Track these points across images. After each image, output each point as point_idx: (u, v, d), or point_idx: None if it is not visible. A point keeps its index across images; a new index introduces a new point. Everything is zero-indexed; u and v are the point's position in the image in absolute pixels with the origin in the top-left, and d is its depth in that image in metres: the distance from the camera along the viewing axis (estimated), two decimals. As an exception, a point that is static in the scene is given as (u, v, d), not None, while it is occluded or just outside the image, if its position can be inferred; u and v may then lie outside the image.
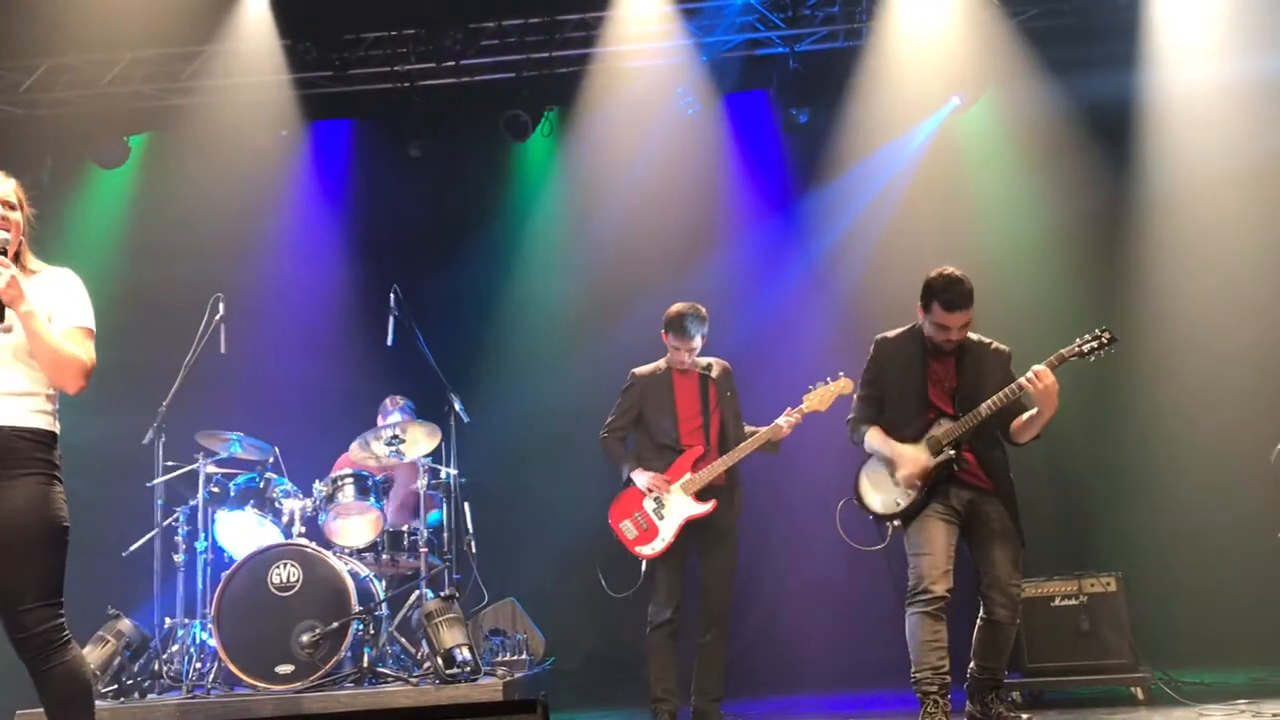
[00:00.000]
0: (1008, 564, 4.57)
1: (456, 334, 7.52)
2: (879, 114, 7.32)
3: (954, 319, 4.55)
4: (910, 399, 4.67)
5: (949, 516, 4.60)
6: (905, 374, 4.70)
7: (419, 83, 7.72)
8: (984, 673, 4.67)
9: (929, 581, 4.49)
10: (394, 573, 6.41)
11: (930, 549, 4.54)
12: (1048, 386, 4.40)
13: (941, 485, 4.60)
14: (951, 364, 4.67)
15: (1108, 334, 4.50)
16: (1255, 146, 6.49)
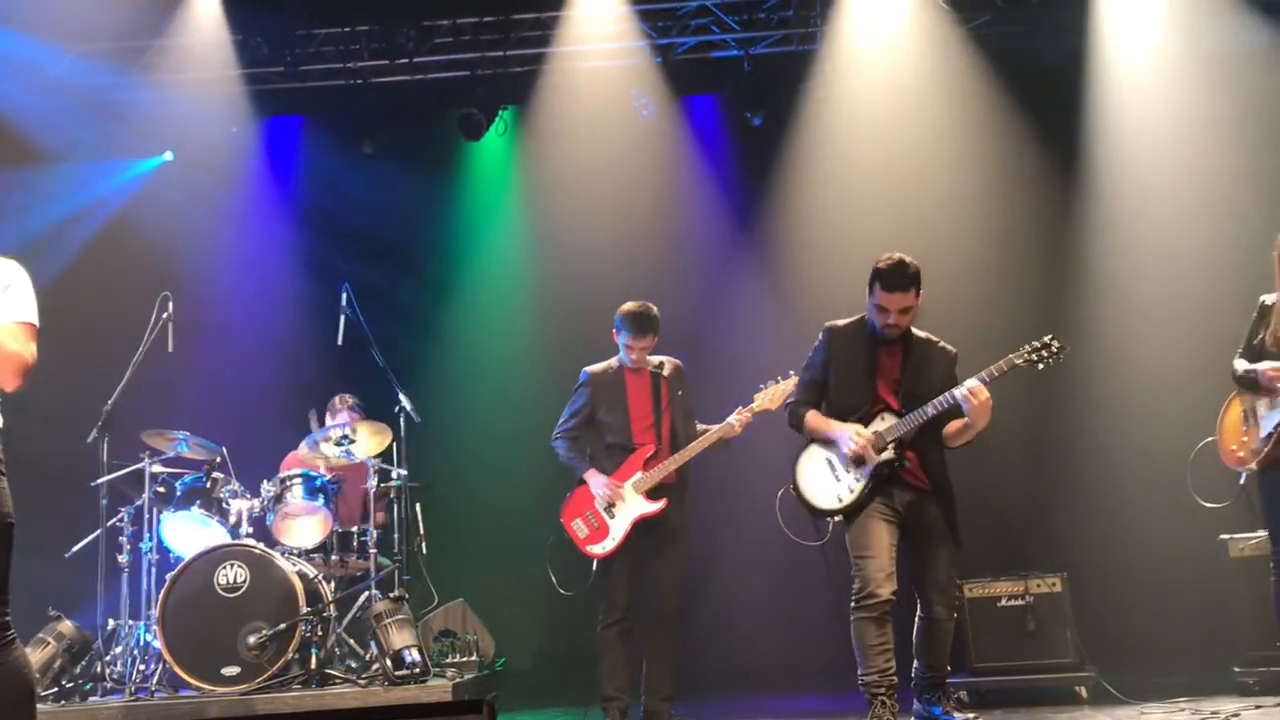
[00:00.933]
0: (945, 565, 4.62)
1: (407, 333, 7.49)
2: (832, 117, 7.38)
3: (892, 300, 4.55)
4: (856, 388, 4.68)
5: (890, 517, 4.61)
6: (852, 363, 4.70)
7: (372, 80, 7.67)
8: (929, 671, 4.71)
9: (874, 585, 4.49)
10: (343, 574, 6.36)
11: (874, 551, 4.54)
12: (982, 402, 4.43)
13: (883, 485, 4.62)
14: (899, 356, 4.69)
15: (1056, 343, 4.51)
16: (1199, 155, 6.61)
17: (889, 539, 4.56)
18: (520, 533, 7.31)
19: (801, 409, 4.80)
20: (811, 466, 4.73)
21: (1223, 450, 4.69)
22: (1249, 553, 5.33)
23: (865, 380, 4.66)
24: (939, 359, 4.71)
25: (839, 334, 4.77)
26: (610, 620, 5.46)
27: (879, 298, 4.59)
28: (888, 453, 4.58)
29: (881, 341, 4.68)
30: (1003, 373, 4.49)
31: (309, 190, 7.93)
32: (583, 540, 5.49)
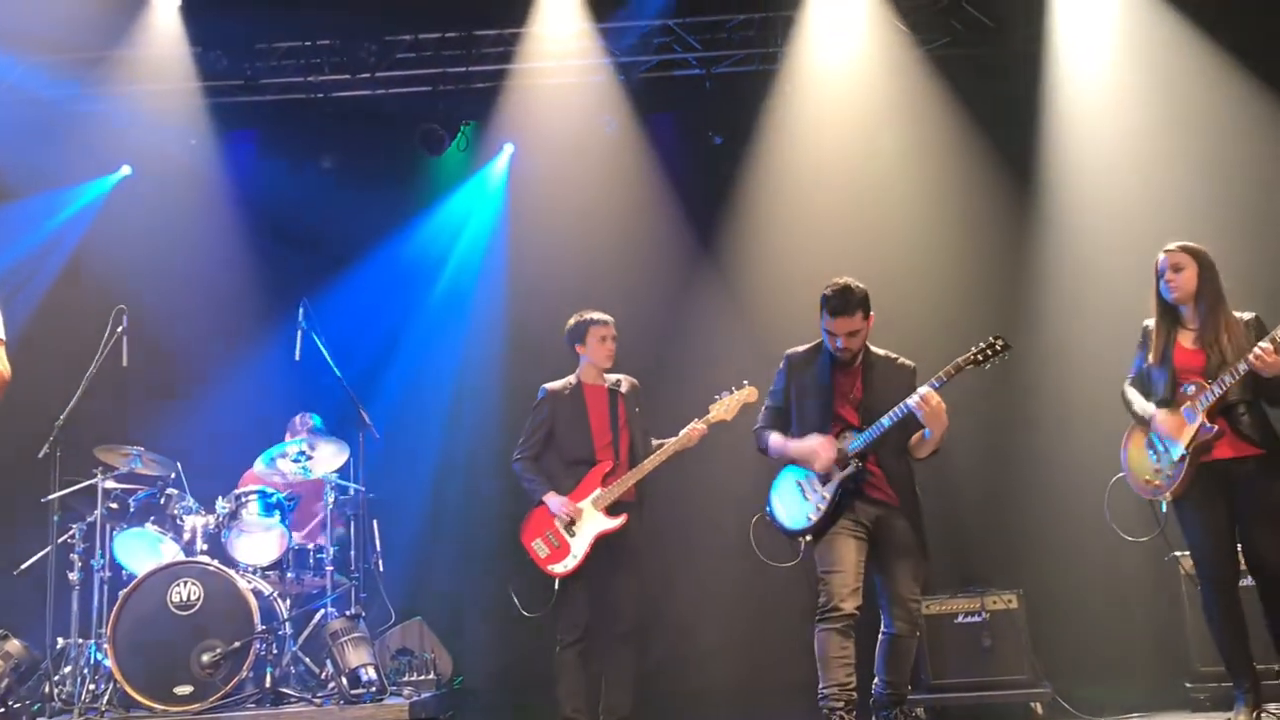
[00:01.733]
0: (908, 579, 4.63)
1: (366, 350, 7.44)
2: (792, 137, 7.42)
3: (838, 324, 4.63)
4: (818, 411, 4.73)
5: (858, 533, 4.63)
6: (812, 387, 4.76)
7: (332, 94, 7.64)
8: (889, 688, 4.71)
9: (838, 599, 4.52)
10: (299, 591, 6.30)
11: (840, 566, 4.57)
12: (934, 408, 4.47)
13: (848, 500, 4.64)
14: (858, 377, 4.74)
15: (1001, 341, 4.55)
16: (1149, 176, 6.71)
17: (856, 555, 4.58)
18: (480, 551, 7.29)
19: (765, 432, 4.87)
20: (784, 489, 4.80)
21: (1135, 482, 4.75)
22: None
23: (825, 403, 4.72)
24: (897, 375, 4.76)
25: (797, 360, 4.86)
26: (569, 640, 5.44)
27: (826, 323, 4.68)
28: (851, 467, 4.61)
29: (839, 363, 4.74)
30: (951, 376, 4.51)
31: (267, 204, 7.86)
32: (544, 560, 5.47)
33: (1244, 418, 4.50)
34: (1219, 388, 4.44)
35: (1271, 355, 4.31)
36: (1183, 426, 4.52)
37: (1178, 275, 4.61)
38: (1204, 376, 4.50)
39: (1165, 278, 4.64)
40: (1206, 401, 4.46)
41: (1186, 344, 4.62)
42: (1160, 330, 4.68)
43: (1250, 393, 4.51)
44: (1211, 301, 4.57)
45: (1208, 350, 4.54)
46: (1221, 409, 4.49)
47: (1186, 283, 4.60)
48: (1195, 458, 4.50)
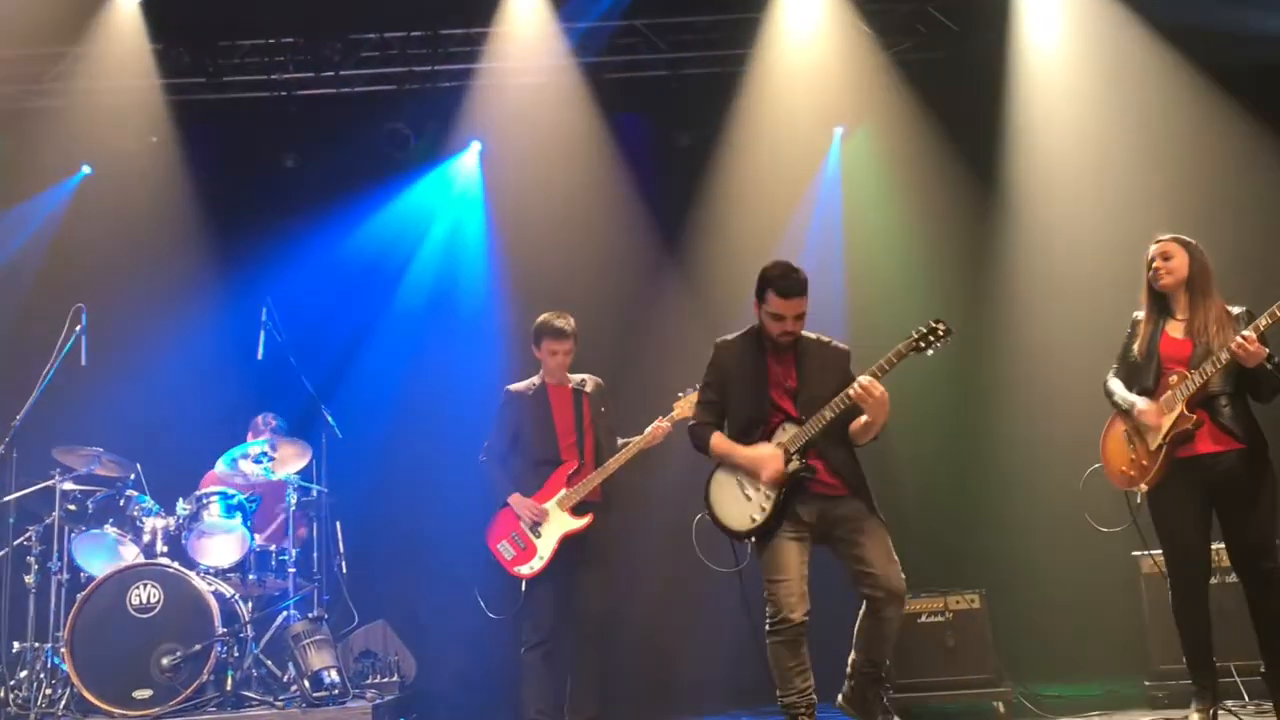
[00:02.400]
0: (883, 556, 4.42)
1: (329, 349, 7.38)
2: (759, 138, 7.45)
3: (789, 306, 4.45)
4: (752, 401, 4.56)
5: (799, 534, 4.49)
6: (745, 377, 4.59)
7: (296, 92, 7.58)
8: (867, 666, 4.53)
9: (787, 610, 4.38)
10: (261, 593, 6.25)
11: (785, 574, 4.41)
12: (877, 398, 4.32)
13: (793, 498, 4.48)
14: (791, 364, 4.57)
15: (942, 325, 4.41)
16: (1109, 174, 6.79)
17: (799, 558, 4.45)
18: (444, 552, 7.25)
19: (704, 430, 4.66)
20: (722, 488, 4.60)
21: (1111, 472, 4.68)
22: (1159, 569, 5.44)
23: (759, 392, 4.55)
24: (833, 359, 4.60)
25: (728, 349, 4.67)
26: (534, 641, 5.42)
27: (774, 305, 4.47)
28: (794, 463, 4.45)
29: (772, 350, 4.57)
30: (893, 364, 4.37)
31: (230, 202, 7.79)
32: (510, 561, 5.45)
33: (1226, 409, 4.43)
34: (1200, 376, 4.38)
35: (1253, 344, 4.26)
36: (1162, 416, 4.46)
37: (1168, 263, 4.56)
38: (1188, 366, 4.45)
39: (1155, 265, 4.59)
40: (1187, 390, 4.41)
41: (1174, 334, 4.56)
42: (1149, 320, 4.62)
43: (1234, 385, 4.43)
44: (1202, 291, 4.52)
45: (1195, 340, 4.48)
46: (1203, 400, 4.42)
47: (1178, 269, 4.54)
48: (1173, 449, 4.44)
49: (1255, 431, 4.46)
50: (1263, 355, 4.27)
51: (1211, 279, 4.55)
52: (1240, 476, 4.40)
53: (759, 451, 4.50)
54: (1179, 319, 4.57)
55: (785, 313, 4.48)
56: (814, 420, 4.45)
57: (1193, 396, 4.41)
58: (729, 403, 4.65)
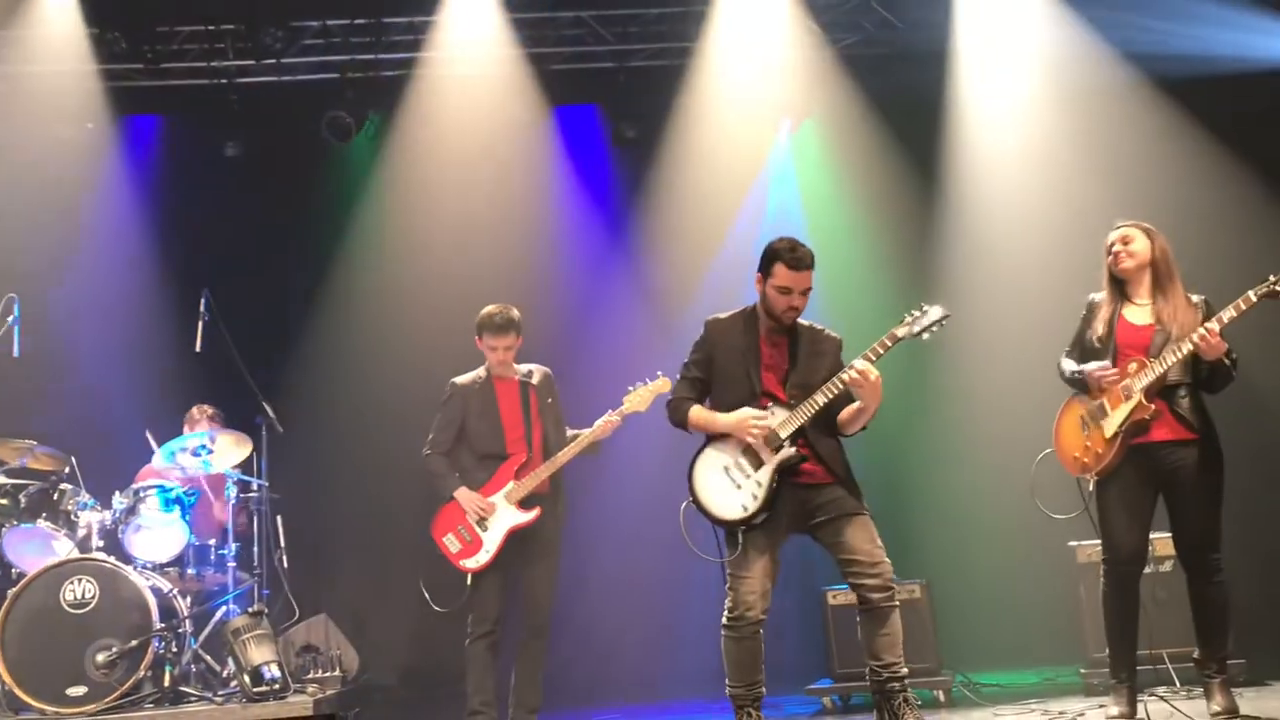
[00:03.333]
0: (868, 543, 4.33)
1: (270, 341, 7.29)
2: (706, 131, 7.47)
3: (798, 279, 4.38)
4: (741, 383, 4.48)
5: (775, 529, 4.44)
6: (737, 357, 4.50)
7: (237, 80, 7.48)
8: (886, 670, 4.33)
9: (744, 608, 4.37)
10: (200, 588, 6.15)
11: (750, 571, 4.38)
12: (873, 383, 4.24)
13: (780, 489, 4.36)
14: (784, 348, 4.51)
15: (937, 308, 4.36)
16: (1052, 174, 6.90)
17: (767, 557, 4.41)
18: (387, 546, 7.21)
19: (684, 404, 4.55)
20: (708, 475, 4.47)
21: (1064, 458, 4.65)
22: (1095, 558, 5.52)
23: (750, 374, 4.47)
24: (825, 346, 4.54)
25: (720, 327, 4.57)
26: (479, 633, 5.40)
27: (783, 278, 4.39)
28: (786, 450, 4.36)
29: (766, 333, 4.52)
30: (887, 348, 4.31)
31: (169, 191, 7.66)
32: (455, 555, 5.41)
33: (1184, 400, 4.40)
34: (1160, 365, 4.35)
35: (1214, 337, 4.22)
36: (1120, 404, 4.44)
37: (1128, 246, 4.52)
38: (1147, 354, 4.42)
39: (1114, 250, 4.54)
40: (1146, 380, 4.38)
41: (1133, 319, 4.52)
42: (1107, 304, 4.57)
43: (1191, 375, 4.42)
44: (1166, 277, 4.49)
45: (1155, 327, 4.45)
46: (1162, 390, 4.41)
47: (1139, 253, 4.50)
48: (1128, 437, 4.42)
49: (1209, 423, 4.46)
50: (1223, 349, 4.26)
51: (1174, 265, 4.51)
52: (1192, 467, 4.40)
53: (741, 413, 4.40)
54: (1138, 304, 4.54)
55: (793, 286, 4.40)
56: (805, 406, 4.37)
57: (1151, 386, 4.39)
58: (716, 381, 4.56)
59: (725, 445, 4.47)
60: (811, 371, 4.45)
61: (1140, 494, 4.48)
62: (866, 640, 4.39)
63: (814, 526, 4.46)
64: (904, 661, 4.39)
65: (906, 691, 4.36)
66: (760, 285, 4.49)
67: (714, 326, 4.59)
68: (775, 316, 4.48)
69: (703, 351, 4.58)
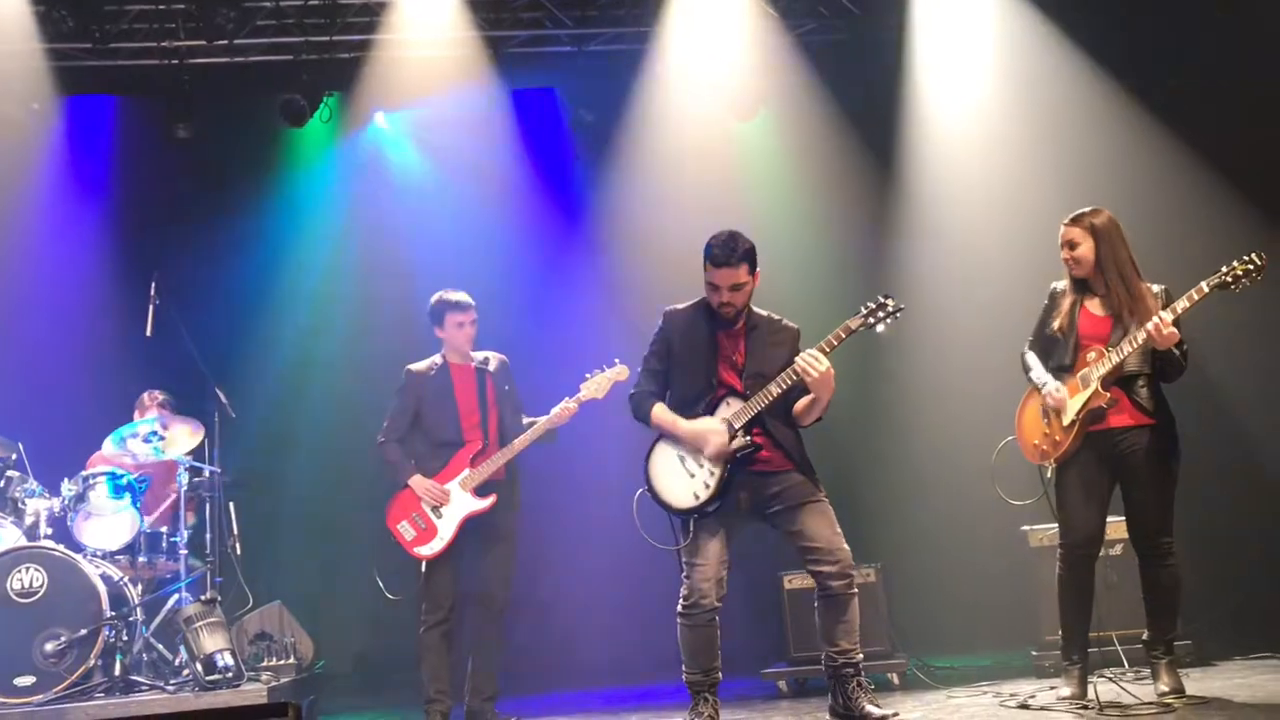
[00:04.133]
0: (827, 529, 4.39)
1: (222, 326, 7.19)
2: (664, 116, 7.45)
3: (721, 275, 4.42)
4: (698, 373, 4.51)
5: (728, 519, 4.48)
6: (692, 347, 4.54)
7: (188, 60, 7.35)
8: (841, 655, 4.42)
9: (700, 595, 4.41)
10: (151, 576, 6.10)
11: (704, 559, 4.42)
12: (823, 374, 4.29)
13: (733, 478, 4.42)
14: (740, 339, 4.54)
15: (891, 301, 4.42)
16: (1006, 161, 6.94)
17: (722, 544, 4.45)
18: (341, 533, 7.16)
19: (648, 400, 4.57)
20: (664, 464, 4.52)
21: (1024, 446, 4.74)
22: (1047, 542, 5.61)
23: (706, 365, 4.51)
24: (782, 336, 4.57)
25: (676, 318, 4.61)
26: (434, 621, 5.37)
27: (709, 274, 4.45)
28: (739, 440, 4.41)
29: (721, 324, 4.54)
30: (840, 340, 4.36)
31: (119, 173, 7.53)
32: (410, 542, 5.38)
33: (1142, 389, 4.48)
34: (1117, 355, 4.42)
35: (1168, 326, 4.28)
36: (1077, 392, 4.50)
37: (1074, 252, 4.55)
38: (1106, 344, 4.48)
39: (1063, 254, 4.58)
40: (1104, 369, 4.44)
41: (1095, 310, 4.57)
42: (1069, 295, 4.62)
43: (1150, 365, 4.48)
44: (1118, 269, 4.51)
45: (1114, 318, 4.51)
46: (1121, 379, 4.47)
47: (1084, 257, 4.54)
48: (1085, 425, 4.48)
49: (1166, 411, 4.54)
50: (1175, 340, 4.32)
51: (1126, 256, 4.53)
52: (1147, 453, 4.48)
53: (703, 425, 4.45)
54: (1099, 296, 4.59)
55: (720, 283, 4.44)
56: (759, 396, 4.41)
57: (1108, 375, 4.46)
58: (674, 373, 4.58)
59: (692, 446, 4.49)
60: (768, 362, 4.49)
61: (1097, 479, 4.56)
62: (824, 627, 4.44)
63: (772, 514, 4.50)
64: (859, 648, 4.46)
65: (860, 676, 4.45)
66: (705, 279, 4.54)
67: (672, 317, 4.63)
68: (721, 317, 4.52)
69: (661, 343, 4.62)
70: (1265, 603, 6.31)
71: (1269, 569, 6.42)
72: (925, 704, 5.09)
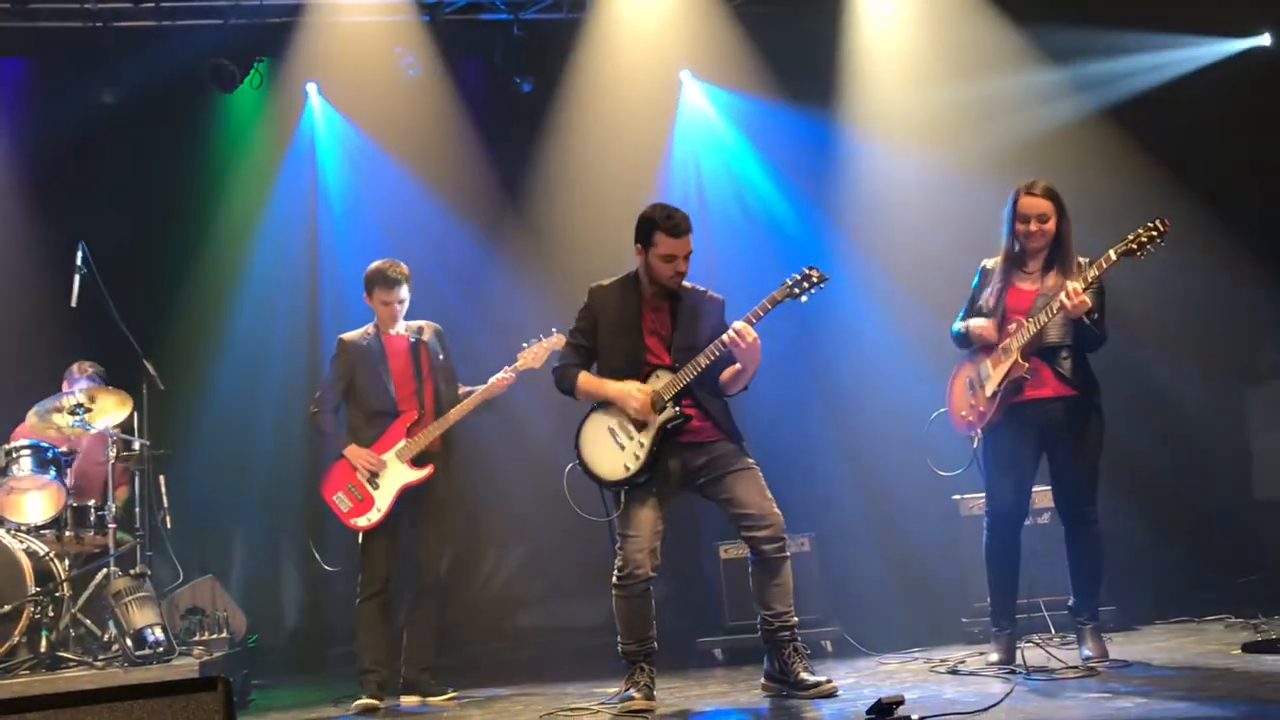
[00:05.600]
0: (757, 494, 4.45)
1: (150, 296, 7.04)
2: (600, 86, 7.42)
3: (680, 245, 4.44)
4: (626, 349, 4.54)
5: (660, 490, 4.51)
6: (620, 323, 4.56)
7: (113, 23, 7.15)
8: (775, 620, 4.48)
9: (634, 565, 4.44)
10: (78, 550, 5.97)
11: (638, 529, 4.45)
12: (750, 344, 4.36)
13: (663, 449, 4.47)
14: (666, 313, 4.58)
15: (816, 271, 4.45)
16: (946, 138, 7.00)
17: (655, 514, 4.48)
18: (276, 506, 7.08)
19: (571, 371, 4.60)
20: (594, 437, 4.55)
21: (953, 418, 4.83)
22: (977, 511, 5.70)
23: (635, 340, 4.54)
24: (708, 308, 4.61)
25: (603, 294, 4.62)
26: (370, 592, 5.34)
27: (666, 246, 4.44)
28: (668, 411, 4.44)
29: (649, 298, 4.57)
30: (766, 310, 4.42)
31: (40, 139, 7.30)
32: (346, 514, 5.33)
33: (1065, 361, 4.54)
34: (1034, 325, 4.47)
35: (1077, 296, 4.33)
36: (999, 363, 4.57)
37: (1044, 225, 4.54)
38: (1026, 315, 4.53)
39: (1030, 226, 4.55)
40: (1022, 339, 4.49)
41: (1023, 286, 4.62)
42: (999, 274, 4.65)
43: (1074, 337, 4.53)
44: (1064, 246, 4.56)
45: (1039, 291, 4.55)
46: (1044, 350, 4.53)
47: (1052, 230, 4.55)
48: (1007, 396, 4.55)
49: (1091, 382, 4.60)
50: (1085, 308, 4.37)
51: (1072, 230, 4.59)
52: (1072, 423, 4.56)
53: (625, 386, 4.48)
54: (1028, 272, 4.64)
55: (677, 252, 4.46)
56: (688, 367, 4.45)
57: (1027, 345, 4.51)
58: (601, 349, 4.61)
59: (612, 407, 4.55)
60: (695, 334, 4.53)
61: (1022, 449, 4.64)
62: (758, 590, 4.51)
63: (702, 484, 4.56)
64: (794, 611, 4.53)
65: (796, 640, 4.52)
66: (641, 256, 4.55)
67: (597, 294, 4.65)
68: (661, 283, 4.53)
69: (587, 319, 4.65)
70: (1186, 570, 6.50)
71: (1191, 537, 6.61)
72: (858, 670, 5.17)
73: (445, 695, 5.36)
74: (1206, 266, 6.56)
